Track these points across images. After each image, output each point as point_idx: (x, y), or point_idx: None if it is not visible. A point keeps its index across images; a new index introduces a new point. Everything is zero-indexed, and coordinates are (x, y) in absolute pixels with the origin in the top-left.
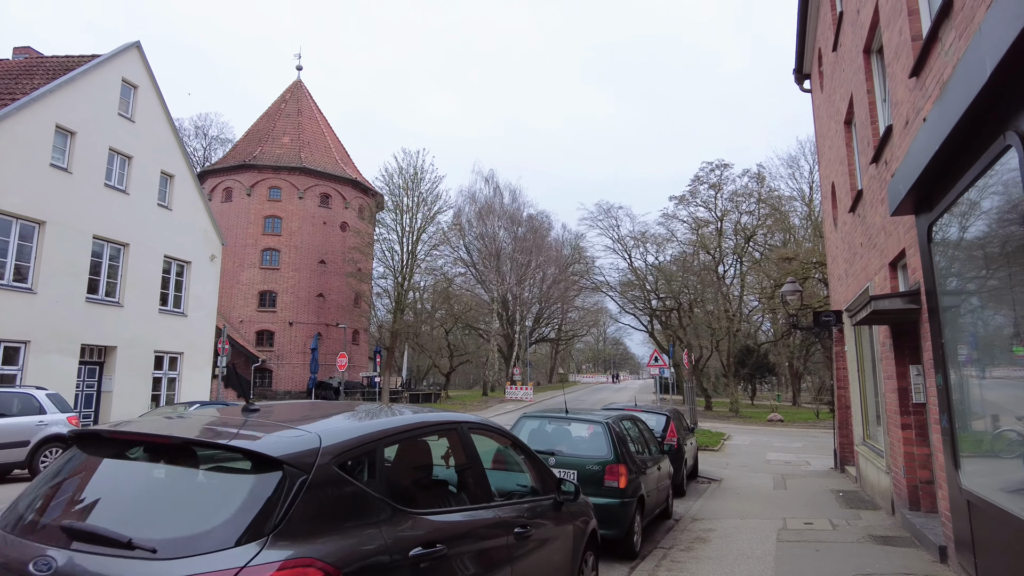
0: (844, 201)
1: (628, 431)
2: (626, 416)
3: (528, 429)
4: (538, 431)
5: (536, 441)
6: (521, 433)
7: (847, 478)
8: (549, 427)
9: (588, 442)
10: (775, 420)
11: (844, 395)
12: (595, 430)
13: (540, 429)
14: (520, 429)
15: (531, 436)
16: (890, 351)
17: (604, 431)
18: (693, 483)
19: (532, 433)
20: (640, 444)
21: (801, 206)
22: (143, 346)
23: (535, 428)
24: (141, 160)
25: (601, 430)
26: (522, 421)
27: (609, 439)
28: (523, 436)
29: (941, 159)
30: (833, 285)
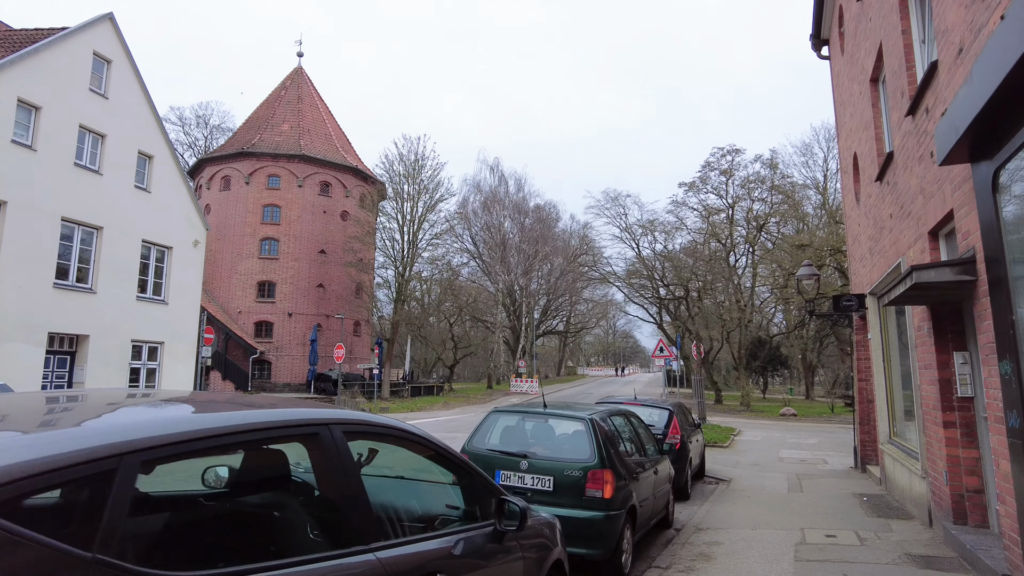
0: (869, 171)
1: (619, 429)
2: (619, 411)
3: (499, 426)
4: (511, 429)
5: (507, 441)
6: (491, 431)
7: (870, 479)
8: (523, 424)
9: (568, 443)
10: (788, 414)
11: (866, 388)
12: (576, 428)
13: (512, 427)
14: (489, 426)
15: (502, 435)
16: (929, 336)
17: (587, 430)
18: (699, 484)
19: (504, 431)
20: (634, 444)
21: (815, 195)
22: (119, 335)
23: (508, 425)
24: (116, 139)
25: (583, 428)
26: (493, 417)
27: (593, 439)
28: (492, 435)
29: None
30: (854, 267)
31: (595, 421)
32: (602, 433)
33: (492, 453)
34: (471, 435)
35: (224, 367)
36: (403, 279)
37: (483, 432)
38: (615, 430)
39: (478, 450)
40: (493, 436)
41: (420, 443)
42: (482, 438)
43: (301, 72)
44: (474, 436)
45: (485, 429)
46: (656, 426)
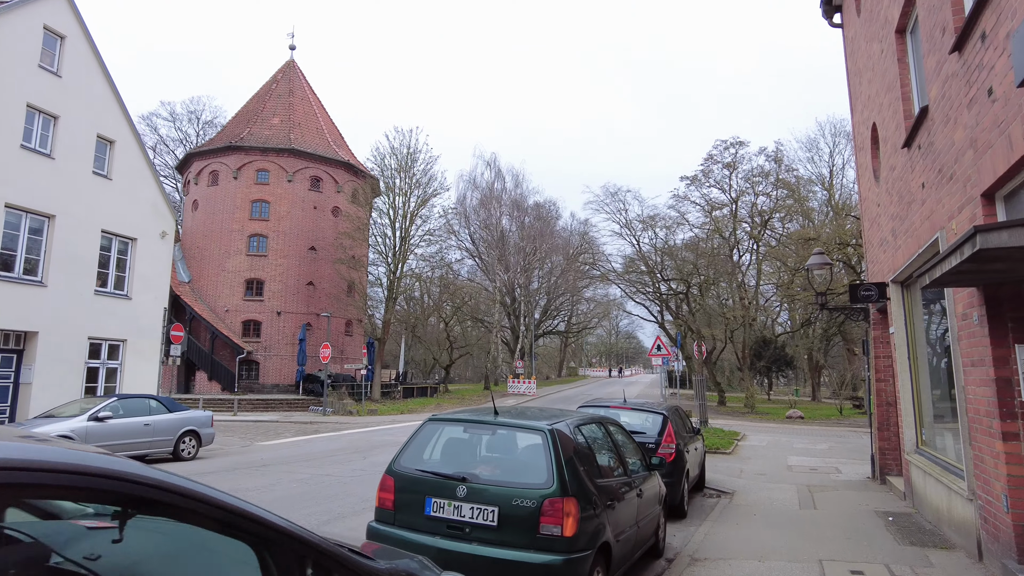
0: (893, 139)
1: (593, 442)
2: (595, 419)
3: (437, 439)
4: (452, 443)
5: (445, 458)
6: (426, 446)
7: (891, 493)
8: (467, 437)
9: (521, 461)
10: (794, 417)
11: (886, 389)
12: (532, 442)
13: (454, 440)
14: (425, 439)
15: (440, 450)
16: (980, 326)
17: (546, 444)
18: (698, 497)
19: (443, 446)
20: (613, 460)
21: (821, 191)
22: (73, 332)
23: (449, 438)
24: (70, 121)
25: (541, 442)
26: (430, 427)
27: (552, 457)
28: (427, 450)
29: None
30: (872, 254)
31: (557, 432)
32: (566, 448)
33: (423, 475)
34: (400, 450)
35: (210, 368)
36: (395, 276)
37: (416, 447)
38: (586, 443)
39: (405, 471)
40: (428, 452)
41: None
42: (414, 454)
43: (293, 65)
44: (403, 452)
45: (419, 443)
46: (647, 434)
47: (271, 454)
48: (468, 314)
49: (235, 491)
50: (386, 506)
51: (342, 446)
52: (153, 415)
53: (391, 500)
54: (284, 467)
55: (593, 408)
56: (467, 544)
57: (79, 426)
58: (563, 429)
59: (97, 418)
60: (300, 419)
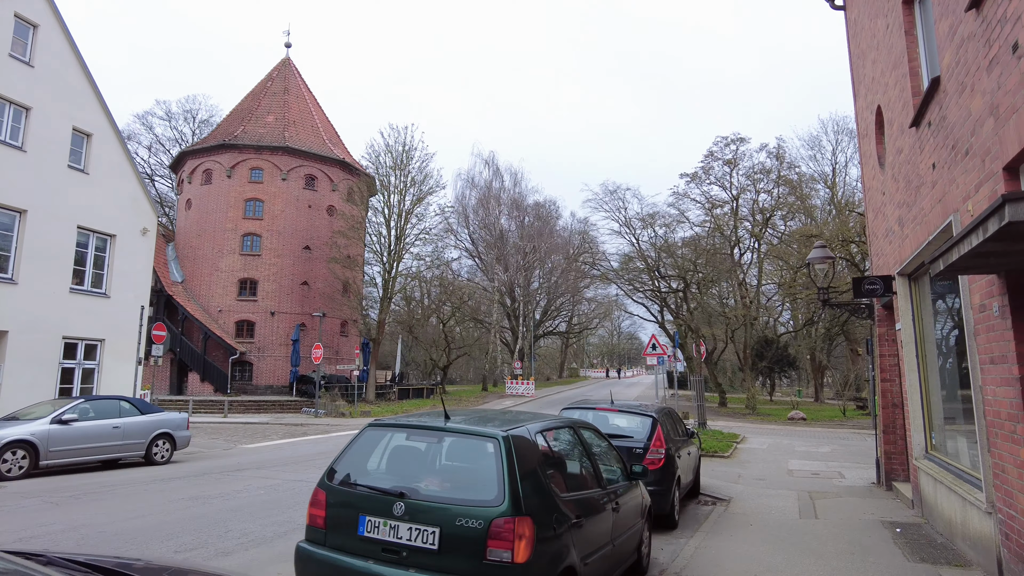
0: (899, 119)
1: (562, 450)
2: (566, 424)
3: (376, 448)
4: (393, 453)
5: (386, 470)
6: (364, 455)
7: (898, 500)
8: (411, 445)
9: (469, 474)
10: (796, 418)
11: (891, 389)
12: (483, 452)
13: (396, 449)
14: (363, 448)
15: (383, 460)
16: (1003, 317)
17: (498, 454)
18: (692, 504)
19: (386, 455)
20: (585, 469)
21: (823, 189)
22: (47, 331)
23: (389, 447)
24: (43, 113)
25: (493, 452)
26: (369, 435)
27: (504, 469)
28: (365, 460)
29: None
30: (877, 246)
31: (514, 440)
32: (524, 458)
33: (357, 489)
34: (334, 460)
35: (203, 369)
36: (389, 276)
37: (353, 456)
38: (551, 452)
39: (339, 484)
40: (367, 462)
41: None
42: (351, 465)
43: (289, 63)
44: (339, 462)
45: (358, 452)
46: (635, 438)
47: (251, 457)
48: (468, 314)
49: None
50: (317, 524)
51: (327, 449)
52: (123, 417)
53: (322, 517)
54: (258, 471)
55: (580, 410)
56: (403, 570)
57: (40, 429)
58: (522, 436)
59: (61, 421)
60: (291, 421)
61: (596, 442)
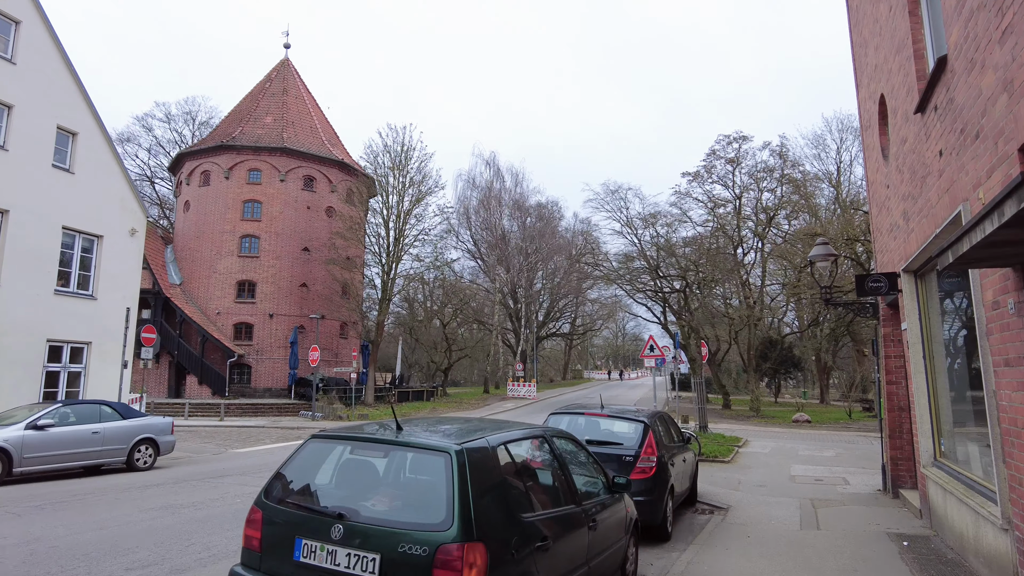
0: (904, 106)
1: (529, 464)
2: (536, 434)
3: (322, 462)
4: (339, 468)
5: (327, 487)
6: (304, 470)
7: (905, 509)
8: (357, 458)
9: (417, 494)
10: (801, 421)
11: (897, 392)
12: (434, 468)
13: (344, 463)
14: (304, 463)
15: (326, 476)
16: (1019, 315)
17: (449, 471)
18: (689, 513)
19: (332, 470)
20: (557, 483)
21: (828, 188)
22: (29, 333)
23: (337, 461)
24: (26, 111)
25: (443, 468)
26: (312, 448)
27: (454, 488)
28: (310, 474)
29: None
30: (881, 242)
31: (468, 455)
32: (479, 475)
33: (293, 509)
34: (272, 476)
35: (201, 371)
36: (388, 277)
37: (293, 471)
38: (516, 467)
39: (275, 502)
40: (308, 478)
41: None
42: (290, 481)
43: (288, 64)
44: (277, 477)
45: (299, 466)
46: (625, 445)
47: (238, 463)
48: (471, 316)
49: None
50: (252, 546)
51: None
52: (103, 422)
53: (257, 539)
54: (241, 478)
55: (569, 415)
56: None
57: (13, 435)
58: (480, 449)
59: (36, 426)
60: (287, 424)
61: (573, 453)
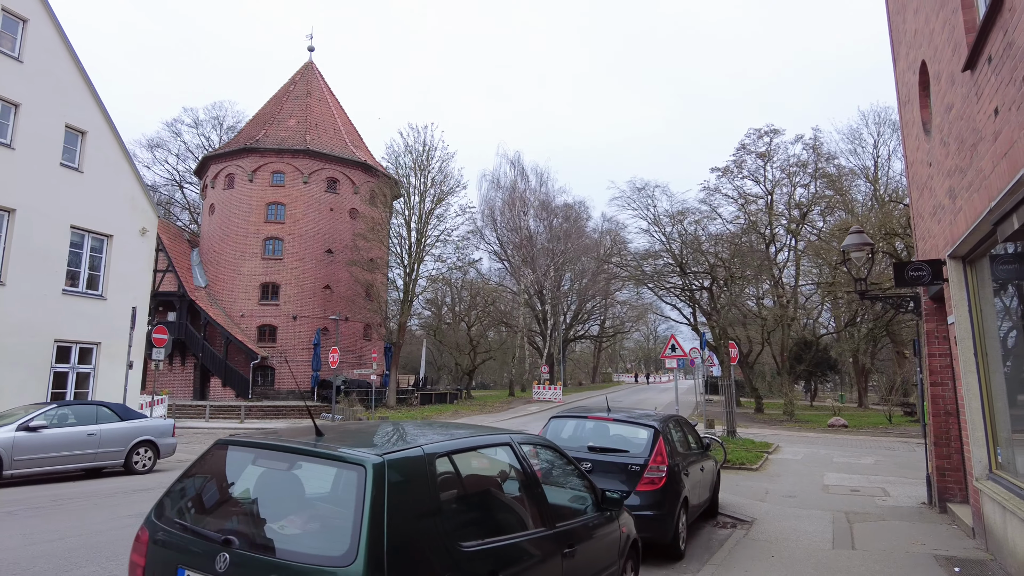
0: (950, 67)
1: (483, 480)
2: (506, 442)
3: (222, 472)
4: (240, 480)
5: (224, 504)
6: (210, 483)
7: (955, 527)
8: (263, 470)
9: (322, 516)
10: (837, 425)
11: (943, 395)
12: (345, 486)
13: (245, 474)
14: (205, 473)
15: (228, 490)
16: None
17: (361, 489)
18: (708, 527)
19: (231, 483)
20: (526, 503)
21: (864, 184)
22: (37, 334)
23: (241, 473)
24: (34, 109)
25: (356, 485)
26: (216, 454)
27: (364, 512)
28: (209, 489)
29: None
30: (923, 227)
31: (392, 468)
32: (403, 495)
33: (179, 533)
34: (167, 489)
35: (224, 373)
36: (410, 278)
37: (191, 484)
38: (462, 484)
39: (163, 523)
40: (204, 492)
41: None
42: (184, 496)
43: (311, 67)
44: (171, 491)
45: (196, 478)
46: (631, 452)
47: None
48: (497, 318)
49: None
50: (136, 574)
51: None
52: (100, 424)
53: (141, 567)
54: None
55: (574, 419)
56: None
57: (4, 437)
58: (410, 461)
59: (28, 428)
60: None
61: (552, 464)
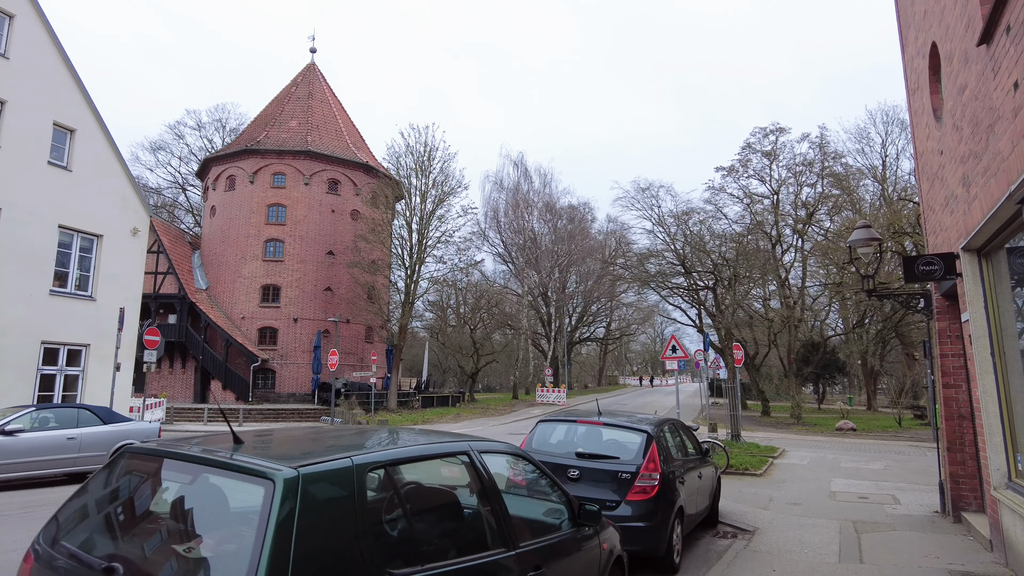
0: (963, 44)
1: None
2: (463, 450)
3: (120, 486)
4: (136, 496)
5: (113, 524)
6: (100, 497)
7: (971, 538)
8: (165, 484)
9: (221, 540)
10: (845, 429)
11: (957, 397)
12: (250, 502)
13: (143, 488)
14: (103, 486)
15: (122, 508)
16: None
17: (267, 509)
18: (707, 536)
19: (126, 500)
20: (485, 519)
21: (872, 183)
22: (22, 335)
23: (139, 487)
24: (20, 106)
25: (261, 504)
26: (121, 465)
27: (267, 538)
28: (104, 505)
29: None
30: (935, 221)
31: (307, 483)
32: (318, 518)
33: (62, 558)
34: (62, 506)
35: (225, 376)
36: (411, 280)
37: (87, 500)
38: (400, 501)
39: (48, 546)
40: (97, 509)
41: None
42: (78, 514)
43: (313, 68)
44: (63, 510)
45: (93, 494)
46: (622, 459)
47: None
48: (502, 320)
49: None
50: None
51: None
52: (81, 427)
53: None
54: None
55: (559, 423)
56: None
57: None
58: (331, 474)
59: (4, 432)
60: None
61: (521, 475)
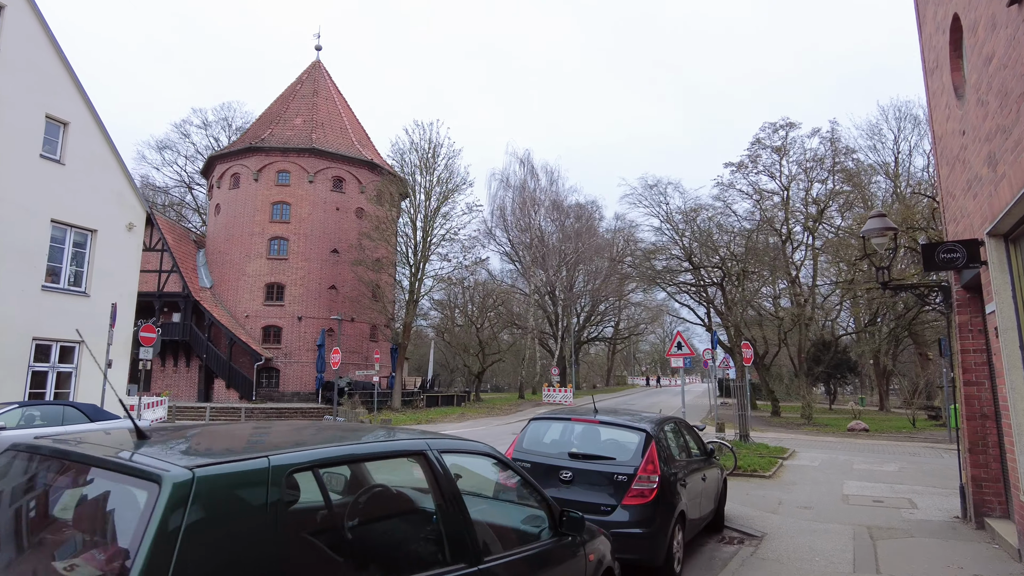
0: (991, 9)
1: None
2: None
3: (9, 484)
4: (28, 500)
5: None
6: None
7: (996, 546)
8: (47, 485)
9: (97, 551)
10: (857, 429)
11: (979, 395)
12: (131, 503)
13: (32, 495)
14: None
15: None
16: None
17: (146, 514)
18: (712, 542)
19: (16, 499)
20: (441, 530)
21: (885, 180)
22: (13, 332)
23: (21, 489)
24: (11, 99)
25: (144, 507)
26: (25, 465)
27: (142, 546)
28: None
29: None
30: (956, 207)
31: (202, 485)
32: (220, 526)
33: None
34: None
35: (228, 375)
36: (416, 278)
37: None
38: (332, 510)
39: None
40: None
41: None
42: None
43: (319, 66)
44: None
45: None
46: (618, 460)
47: None
48: (508, 319)
49: None
50: None
51: None
52: (67, 425)
53: None
54: None
55: (558, 421)
56: None
57: None
58: (238, 476)
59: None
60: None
61: (487, 480)
